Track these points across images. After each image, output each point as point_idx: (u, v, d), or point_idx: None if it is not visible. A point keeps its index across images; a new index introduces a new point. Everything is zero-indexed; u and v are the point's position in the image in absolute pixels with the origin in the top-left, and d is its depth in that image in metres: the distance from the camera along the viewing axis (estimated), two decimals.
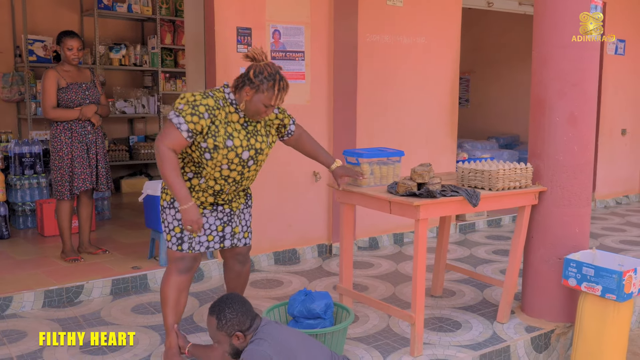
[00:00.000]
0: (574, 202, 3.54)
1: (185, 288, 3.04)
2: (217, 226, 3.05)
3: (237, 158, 2.86)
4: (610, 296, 3.21)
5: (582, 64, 3.47)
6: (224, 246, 3.11)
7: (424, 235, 3.10)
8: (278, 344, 2.54)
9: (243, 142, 2.87)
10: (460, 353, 3.23)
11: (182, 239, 2.97)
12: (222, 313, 2.60)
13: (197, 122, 2.74)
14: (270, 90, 2.80)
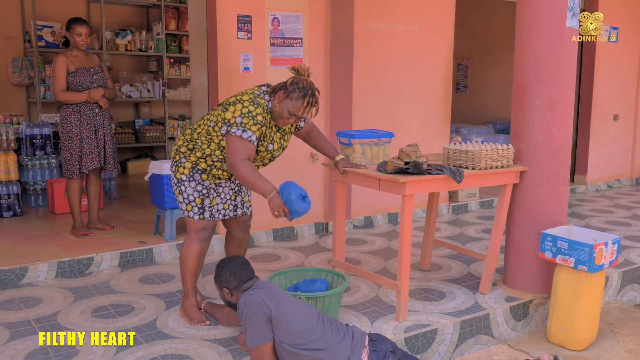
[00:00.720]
0: (552, 181, 3.78)
1: (204, 254, 3.40)
2: (230, 195, 3.37)
3: (268, 154, 3.21)
4: (582, 267, 3.46)
5: (560, 51, 3.68)
6: (236, 214, 3.41)
7: (410, 209, 3.35)
8: (270, 291, 2.82)
9: (277, 144, 3.22)
10: (443, 319, 3.49)
11: (204, 208, 3.26)
12: (218, 270, 2.99)
13: (259, 129, 3.04)
14: (299, 100, 3.07)
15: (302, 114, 3.10)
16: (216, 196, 3.31)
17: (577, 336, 3.59)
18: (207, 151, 3.17)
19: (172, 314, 3.51)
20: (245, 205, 3.47)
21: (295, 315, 2.78)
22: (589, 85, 7.65)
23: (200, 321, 3.34)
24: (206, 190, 3.26)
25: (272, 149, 3.20)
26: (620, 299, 4.44)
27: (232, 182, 3.36)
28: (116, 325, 3.36)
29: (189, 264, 3.33)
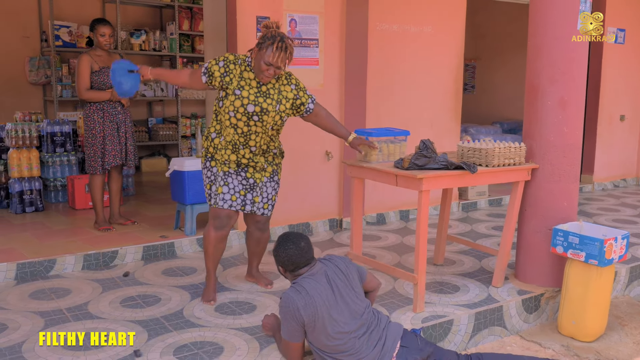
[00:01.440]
0: (563, 178, 3.91)
1: (221, 241, 3.61)
2: (239, 190, 3.55)
3: (242, 107, 3.36)
4: (593, 262, 3.59)
5: (572, 54, 3.82)
6: (244, 209, 3.61)
7: (426, 204, 3.49)
8: (311, 296, 2.80)
9: (250, 96, 3.37)
10: (458, 310, 3.63)
11: (210, 195, 3.56)
12: (278, 247, 2.98)
13: (213, 64, 3.41)
14: (269, 48, 3.27)
15: (274, 61, 3.27)
16: (223, 185, 3.51)
17: (587, 328, 3.72)
18: (211, 129, 3.53)
19: (198, 304, 3.66)
20: (256, 205, 3.62)
21: (332, 323, 2.81)
22: (596, 86, 7.77)
23: (206, 301, 3.65)
24: (213, 177, 3.53)
25: (240, 94, 3.36)
26: (628, 293, 4.57)
27: (243, 178, 3.55)
28: (145, 314, 3.50)
29: (205, 247, 3.64)
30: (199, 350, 3.05)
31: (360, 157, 3.91)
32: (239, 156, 3.50)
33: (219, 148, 3.50)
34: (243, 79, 3.40)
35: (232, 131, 3.44)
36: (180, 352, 3.03)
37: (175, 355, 3.00)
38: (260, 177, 3.60)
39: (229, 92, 3.39)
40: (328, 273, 2.92)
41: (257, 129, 3.44)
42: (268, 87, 3.44)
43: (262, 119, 3.41)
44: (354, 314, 2.88)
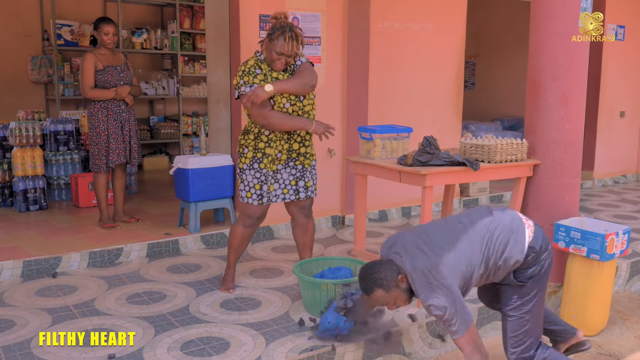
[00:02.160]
0: (565, 174, 3.95)
1: (247, 238, 3.78)
2: (290, 181, 3.68)
3: (284, 99, 3.47)
4: (595, 256, 3.63)
5: (573, 50, 3.85)
6: (299, 197, 3.71)
7: (430, 200, 3.52)
8: (438, 272, 2.58)
9: None
10: None
11: (262, 195, 3.63)
12: (375, 281, 2.67)
13: (253, 73, 3.45)
14: (280, 38, 3.38)
15: (286, 50, 3.40)
16: (274, 182, 3.64)
17: (588, 322, 3.76)
18: (255, 130, 3.57)
19: (204, 301, 3.69)
20: (310, 189, 3.76)
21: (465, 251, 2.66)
22: (595, 83, 7.79)
23: (224, 289, 3.84)
24: (264, 177, 3.61)
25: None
26: (629, 288, 4.61)
27: (292, 168, 3.66)
28: (151, 310, 3.54)
29: (232, 241, 3.78)
30: (205, 346, 3.09)
31: (363, 153, 3.94)
32: (292, 142, 3.62)
33: (273, 140, 3.57)
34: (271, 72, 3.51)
35: None
36: (187, 348, 3.06)
37: (182, 350, 3.04)
38: (309, 162, 3.73)
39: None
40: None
41: (307, 107, 3.58)
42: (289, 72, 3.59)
43: (309, 104, 3.61)
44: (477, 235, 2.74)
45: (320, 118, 5.14)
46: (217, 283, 4.01)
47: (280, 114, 3.47)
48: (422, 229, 2.82)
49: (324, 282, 3.37)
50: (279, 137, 3.58)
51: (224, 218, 5.20)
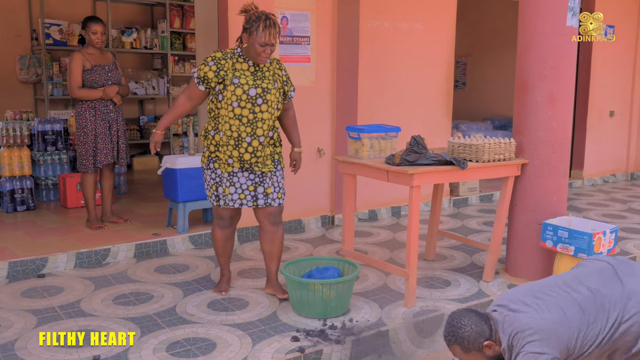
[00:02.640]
0: (553, 173, 3.95)
1: (229, 238, 3.71)
2: (248, 186, 3.50)
3: (244, 95, 3.34)
4: (582, 255, 3.63)
5: (561, 49, 3.85)
6: (257, 204, 3.53)
7: (417, 200, 3.51)
8: (541, 329, 2.29)
9: (249, 82, 3.36)
10: (449, 305, 3.66)
11: (218, 197, 3.54)
12: (456, 337, 2.41)
13: (202, 69, 3.38)
14: (258, 28, 3.29)
15: (267, 39, 3.29)
16: (229, 185, 3.47)
17: None
18: (208, 128, 3.49)
19: (191, 301, 3.67)
20: (269, 197, 3.52)
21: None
22: (585, 82, 7.83)
23: (217, 291, 3.79)
24: (218, 178, 3.50)
25: (238, 82, 3.33)
26: None
27: (250, 173, 3.47)
28: (137, 311, 3.51)
29: (215, 246, 3.75)
30: (191, 347, 3.07)
31: (352, 153, 3.93)
32: (241, 152, 3.39)
33: (220, 144, 3.42)
34: (237, 70, 3.38)
35: (236, 123, 3.35)
36: (173, 349, 3.04)
37: (168, 351, 3.01)
38: (269, 168, 3.51)
39: (227, 82, 3.35)
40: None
41: (263, 114, 3.39)
42: (263, 71, 3.44)
43: (265, 99, 3.38)
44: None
45: (310, 117, 5.18)
46: (205, 283, 4.00)
47: (173, 105, 3.57)
48: (535, 285, 2.50)
49: (312, 282, 3.36)
50: (225, 142, 3.39)
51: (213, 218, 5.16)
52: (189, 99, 3.51)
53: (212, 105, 3.46)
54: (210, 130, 3.48)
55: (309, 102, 5.18)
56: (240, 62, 3.41)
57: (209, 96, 3.48)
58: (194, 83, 3.44)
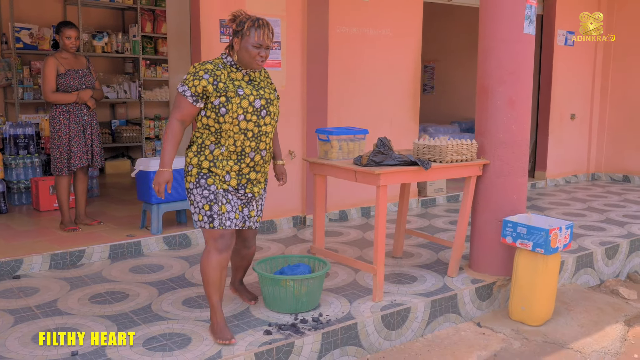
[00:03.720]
0: (512, 173, 4.16)
1: (226, 266, 3.21)
2: (238, 206, 3.22)
3: (250, 107, 3.07)
4: (539, 250, 3.84)
5: (518, 55, 4.06)
6: (244, 226, 3.27)
7: (384, 199, 3.68)
8: None
9: (253, 92, 3.09)
10: (415, 299, 3.83)
11: (212, 216, 3.12)
12: None
13: (199, 84, 3.00)
14: (251, 29, 3.04)
15: (262, 40, 3.05)
16: (225, 203, 3.15)
17: (535, 313, 3.97)
18: (206, 142, 3.13)
19: (166, 299, 3.77)
20: (252, 220, 3.33)
21: None
22: (547, 87, 8.13)
23: (226, 339, 3.15)
24: (214, 196, 3.12)
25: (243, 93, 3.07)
26: (575, 281, 4.86)
27: (242, 195, 3.22)
28: (114, 309, 3.60)
29: (210, 276, 3.18)
30: (167, 342, 3.17)
31: (321, 154, 4.08)
32: (242, 166, 3.15)
33: (219, 159, 3.11)
34: (233, 80, 3.09)
35: (241, 137, 3.09)
36: (150, 344, 3.15)
37: (144, 346, 3.12)
38: (258, 190, 3.29)
39: (230, 95, 3.03)
40: None
41: (267, 127, 3.17)
42: (257, 80, 3.20)
43: (269, 110, 3.17)
44: None
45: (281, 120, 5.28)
46: (179, 282, 4.10)
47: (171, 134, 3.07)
48: None
49: (284, 278, 3.49)
50: (226, 156, 3.11)
51: (187, 220, 5.27)
52: (182, 123, 3.09)
53: (210, 120, 3.08)
54: (208, 145, 3.12)
55: (280, 105, 5.30)
56: (234, 72, 3.11)
57: (203, 110, 3.09)
58: (187, 103, 3.04)
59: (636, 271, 5.42)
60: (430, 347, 3.68)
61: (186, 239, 4.97)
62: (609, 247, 5.09)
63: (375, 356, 3.53)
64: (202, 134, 3.13)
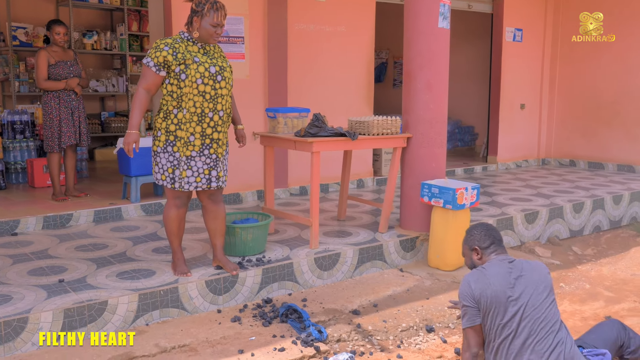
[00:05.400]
0: (431, 145, 4.95)
1: (184, 218, 3.90)
2: (204, 169, 3.76)
3: (207, 72, 3.63)
4: (449, 206, 4.63)
5: (434, 46, 4.85)
6: (210, 187, 3.82)
7: (317, 163, 4.47)
8: (482, 275, 2.93)
9: (207, 60, 3.68)
10: (346, 247, 4.62)
11: (174, 179, 3.71)
12: (470, 230, 3.21)
13: (160, 55, 3.58)
14: (210, 11, 3.61)
15: (219, 20, 3.63)
16: (187, 169, 3.70)
17: (447, 260, 4.76)
18: (169, 108, 3.65)
19: (138, 248, 4.56)
20: (221, 180, 3.85)
21: (500, 305, 2.83)
22: (497, 79, 8.93)
23: (183, 273, 3.89)
24: (177, 161, 3.68)
25: (199, 60, 3.61)
26: None
27: (207, 157, 3.74)
28: (95, 255, 4.39)
29: (170, 226, 3.86)
30: (136, 274, 3.95)
31: (270, 129, 4.87)
32: (204, 127, 3.67)
33: (183, 122, 3.63)
34: (190, 52, 3.64)
35: (200, 99, 3.62)
36: (122, 276, 3.92)
37: (117, 277, 3.89)
38: (222, 151, 3.82)
39: (188, 62, 3.58)
40: (515, 261, 2.99)
41: (222, 90, 3.71)
42: (212, 52, 3.75)
43: (223, 76, 3.71)
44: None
45: (245, 107, 6.07)
46: (152, 237, 4.88)
47: (138, 100, 3.63)
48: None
49: (233, 227, 4.28)
50: (189, 119, 3.64)
51: (162, 192, 6.05)
52: (148, 91, 3.63)
53: (173, 87, 3.62)
54: (172, 110, 3.64)
55: (244, 94, 6.11)
56: (191, 45, 3.67)
57: (167, 79, 3.64)
58: (152, 72, 3.59)
59: (556, 235, 6.21)
60: (356, 284, 4.47)
61: (161, 207, 5.76)
62: (528, 213, 5.89)
63: (308, 291, 4.32)
64: (167, 101, 3.68)
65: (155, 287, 3.73)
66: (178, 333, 3.54)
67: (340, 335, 3.63)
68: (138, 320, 3.61)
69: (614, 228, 6.76)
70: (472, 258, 3.15)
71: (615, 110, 8.79)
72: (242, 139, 4.19)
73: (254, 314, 3.86)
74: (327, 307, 4.03)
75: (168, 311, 3.73)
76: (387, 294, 4.32)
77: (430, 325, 3.87)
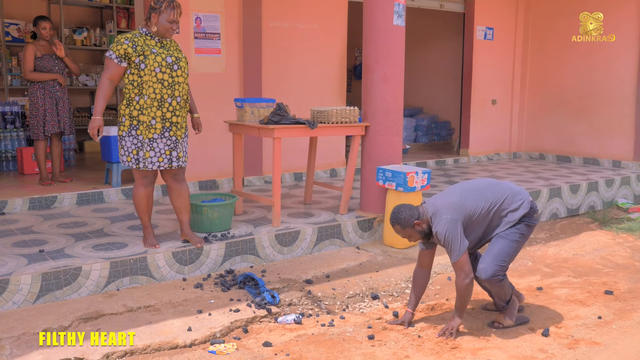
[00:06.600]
0: (388, 133, 5.36)
1: (151, 195, 4.31)
2: (165, 150, 4.15)
3: (164, 62, 4.04)
4: (400, 189, 5.04)
5: (390, 42, 5.27)
6: (171, 166, 4.21)
7: (278, 148, 4.88)
8: (450, 204, 3.46)
9: (164, 51, 4.09)
10: (306, 226, 5.03)
11: (139, 160, 4.12)
12: (397, 218, 3.52)
13: (121, 47, 3.98)
14: (167, 8, 4.01)
15: (175, 17, 4.03)
16: (149, 150, 4.09)
17: (399, 240, 5.15)
18: (131, 95, 4.03)
19: (115, 226, 4.97)
20: (180, 160, 4.24)
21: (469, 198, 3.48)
22: (468, 76, 9.34)
23: (152, 245, 4.31)
24: (140, 143, 4.08)
25: (157, 52, 4.02)
26: None
27: (167, 139, 4.14)
28: (75, 230, 4.80)
29: (139, 203, 4.27)
30: (110, 246, 4.37)
31: (238, 118, 5.28)
32: (164, 111, 4.05)
33: (144, 107, 4.00)
34: (148, 45, 4.04)
35: (159, 86, 4.00)
36: (97, 247, 4.34)
37: (93, 248, 4.30)
38: (181, 134, 4.21)
39: (147, 53, 3.98)
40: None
41: (179, 78, 4.10)
42: (168, 46, 4.15)
43: (179, 65, 4.12)
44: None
45: (221, 100, 6.48)
46: (129, 217, 5.30)
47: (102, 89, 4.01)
48: (447, 189, 3.72)
49: (201, 205, 4.69)
50: (149, 104, 4.01)
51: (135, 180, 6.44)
52: (111, 81, 4.03)
53: (134, 76, 4.01)
54: (134, 97, 4.02)
55: (220, 88, 6.53)
56: (149, 39, 4.08)
57: (128, 70, 4.03)
58: (114, 64, 3.98)
59: None
60: (314, 259, 4.89)
61: None
62: None
63: (269, 264, 4.74)
64: (129, 89, 4.08)
65: (125, 256, 4.14)
66: (145, 296, 3.95)
67: (292, 300, 4.05)
68: (109, 286, 4.03)
69: (571, 216, 7.17)
70: (419, 230, 3.52)
71: (582, 106, 9.20)
72: (197, 127, 4.52)
73: (216, 282, 4.28)
74: (283, 277, 4.45)
75: (137, 278, 4.14)
76: (341, 267, 4.74)
77: (375, 293, 4.28)
